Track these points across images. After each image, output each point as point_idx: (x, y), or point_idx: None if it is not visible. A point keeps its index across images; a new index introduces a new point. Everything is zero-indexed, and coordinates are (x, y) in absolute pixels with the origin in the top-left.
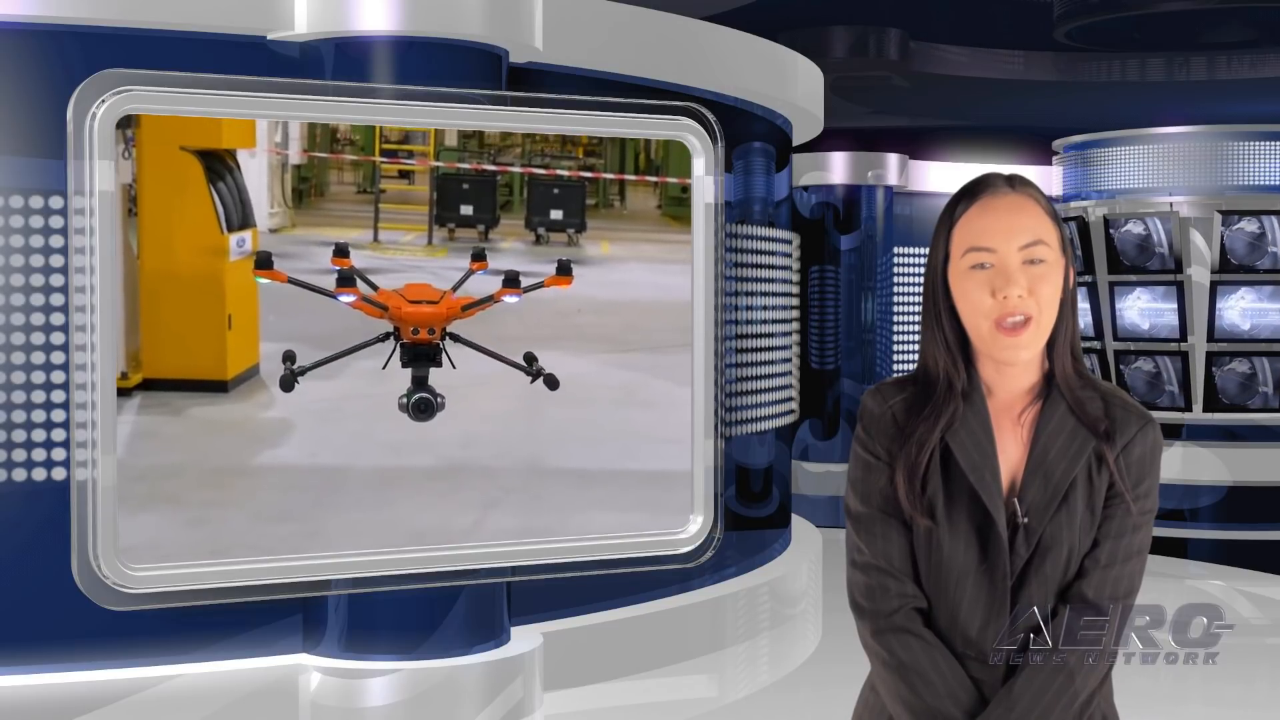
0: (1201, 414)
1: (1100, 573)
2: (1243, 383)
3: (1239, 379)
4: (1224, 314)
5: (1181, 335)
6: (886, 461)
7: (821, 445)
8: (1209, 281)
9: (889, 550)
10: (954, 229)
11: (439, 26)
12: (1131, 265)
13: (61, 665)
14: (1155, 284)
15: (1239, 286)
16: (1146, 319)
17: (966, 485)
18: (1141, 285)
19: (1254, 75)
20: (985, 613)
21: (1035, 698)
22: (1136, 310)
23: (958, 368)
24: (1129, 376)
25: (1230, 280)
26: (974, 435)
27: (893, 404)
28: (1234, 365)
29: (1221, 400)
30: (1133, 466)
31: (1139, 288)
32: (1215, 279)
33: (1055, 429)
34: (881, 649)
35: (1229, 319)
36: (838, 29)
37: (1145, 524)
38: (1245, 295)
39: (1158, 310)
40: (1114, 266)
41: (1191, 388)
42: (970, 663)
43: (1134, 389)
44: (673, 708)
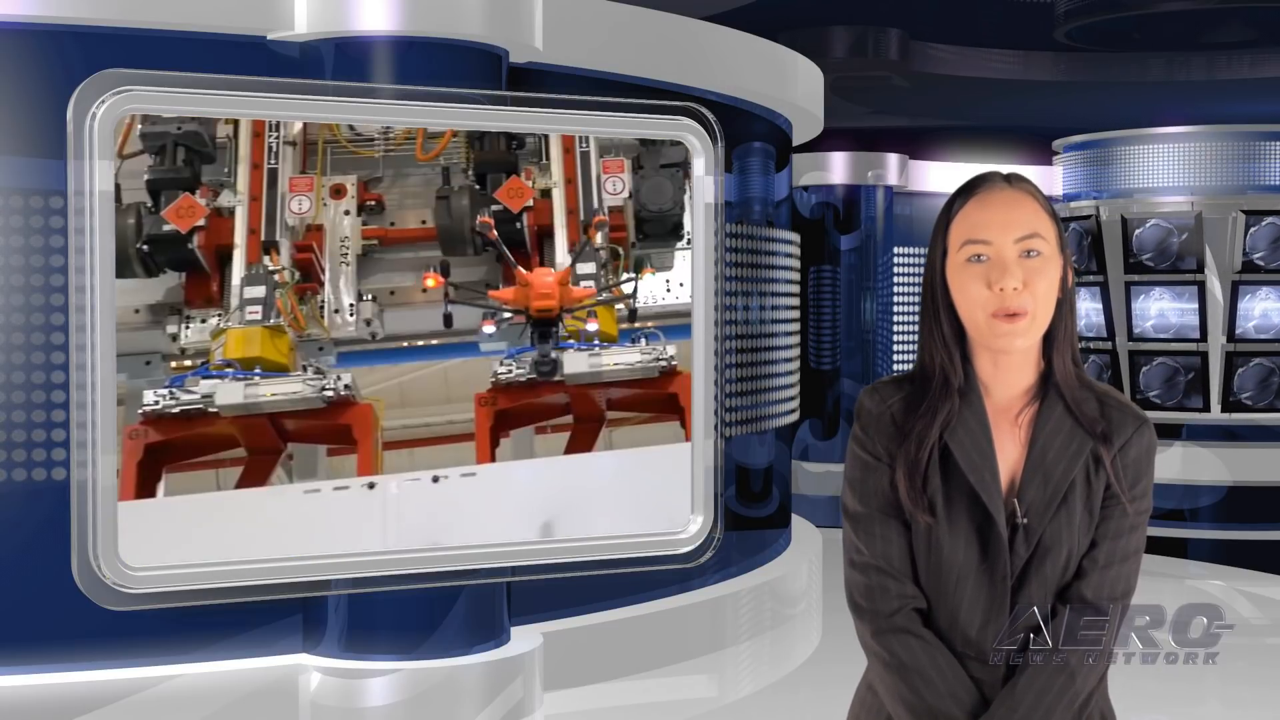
0: (1220, 414)
1: (1099, 573)
2: (1262, 382)
3: (1258, 379)
4: (1247, 314)
5: (1201, 335)
6: (886, 461)
7: (821, 445)
8: (1229, 281)
9: (888, 550)
10: (951, 224)
11: (439, 26)
12: (1150, 265)
13: (61, 665)
14: (1175, 284)
15: (1260, 287)
16: (1164, 319)
17: (966, 485)
18: (1161, 285)
19: (1254, 75)
20: (985, 613)
21: (1038, 698)
22: (1155, 310)
23: (955, 364)
24: (1144, 377)
25: (1251, 280)
26: (973, 435)
27: (891, 403)
28: (1255, 365)
29: (1244, 401)
30: (1129, 467)
31: (1158, 288)
32: (1236, 279)
33: (1053, 430)
34: (882, 649)
35: (1251, 319)
36: (838, 29)
37: (1141, 524)
38: (1269, 296)
39: (1177, 310)
40: (1130, 266)
41: (1209, 388)
42: (970, 662)
43: (1150, 389)
44: (673, 708)
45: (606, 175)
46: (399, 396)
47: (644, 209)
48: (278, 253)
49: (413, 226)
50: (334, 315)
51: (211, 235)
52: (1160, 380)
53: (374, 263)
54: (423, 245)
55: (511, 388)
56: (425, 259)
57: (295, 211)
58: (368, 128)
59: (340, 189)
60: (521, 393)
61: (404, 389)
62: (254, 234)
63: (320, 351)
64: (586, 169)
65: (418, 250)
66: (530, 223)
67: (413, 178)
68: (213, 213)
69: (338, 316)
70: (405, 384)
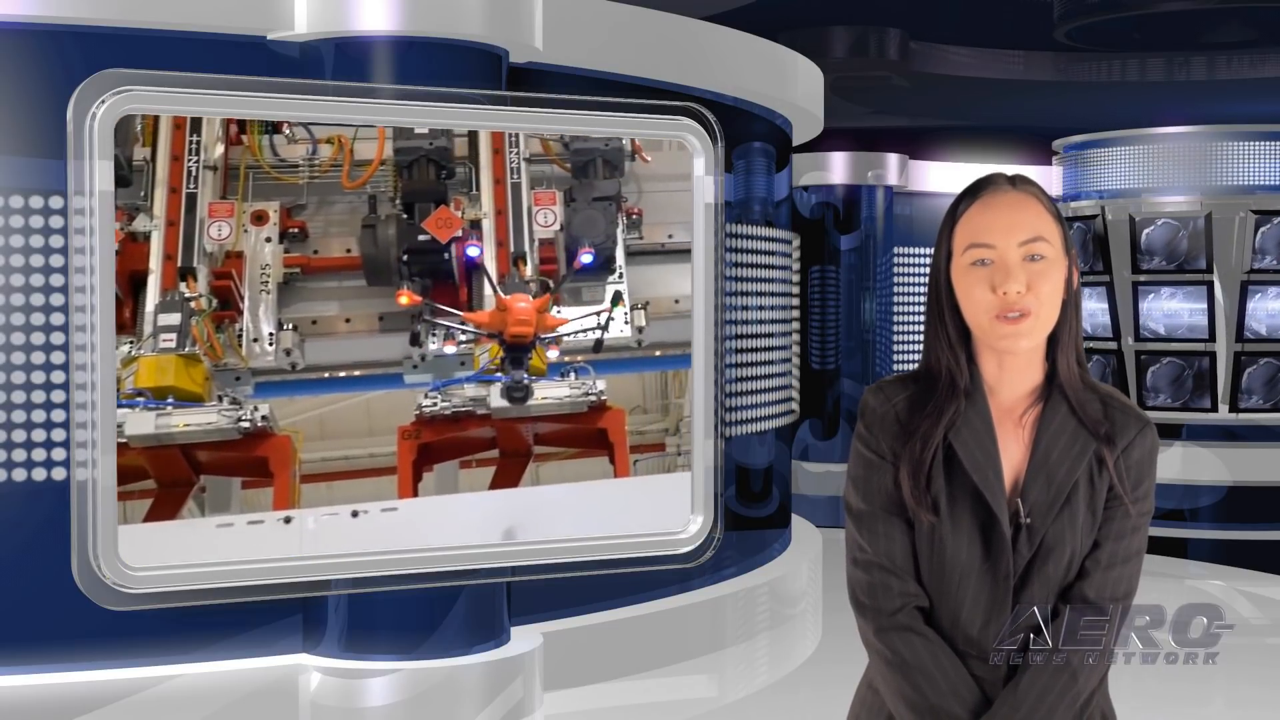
0: (1228, 414)
1: (1101, 574)
2: (1269, 382)
3: (1265, 379)
4: (1255, 314)
5: (1210, 335)
6: (890, 460)
7: (821, 445)
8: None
9: (891, 548)
10: (956, 226)
11: (439, 26)
12: (1159, 265)
13: (61, 665)
14: (1184, 284)
15: (1269, 287)
16: (1172, 319)
17: (969, 484)
18: (1169, 285)
19: (1254, 75)
20: (987, 612)
21: (1040, 697)
22: (1163, 310)
23: (960, 365)
24: (1151, 377)
25: (1259, 281)
26: (977, 435)
27: (895, 402)
28: (1263, 365)
29: (1254, 401)
30: (1132, 469)
31: (1166, 288)
32: (1245, 279)
33: (1057, 430)
34: (884, 647)
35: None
36: (838, 29)
37: (1143, 525)
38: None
39: (1185, 311)
40: (1138, 266)
41: (1217, 388)
42: (971, 661)
43: (1157, 390)
44: (673, 708)
45: (538, 207)
46: (319, 428)
47: (576, 242)
48: (195, 279)
49: (337, 255)
50: (252, 344)
51: (125, 260)
52: (1167, 380)
53: (296, 291)
54: (346, 274)
55: (436, 421)
56: (349, 289)
57: (214, 238)
58: (292, 154)
59: (262, 215)
60: (446, 426)
61: (324, 420)
62: (170, 260)
63: (237, 381)
64: (518, 200)
65: (341, 279)
66: (458, 254)
67: (338, 205)
68: (126, 237)
69: (256, 346)
70: (325, 415)
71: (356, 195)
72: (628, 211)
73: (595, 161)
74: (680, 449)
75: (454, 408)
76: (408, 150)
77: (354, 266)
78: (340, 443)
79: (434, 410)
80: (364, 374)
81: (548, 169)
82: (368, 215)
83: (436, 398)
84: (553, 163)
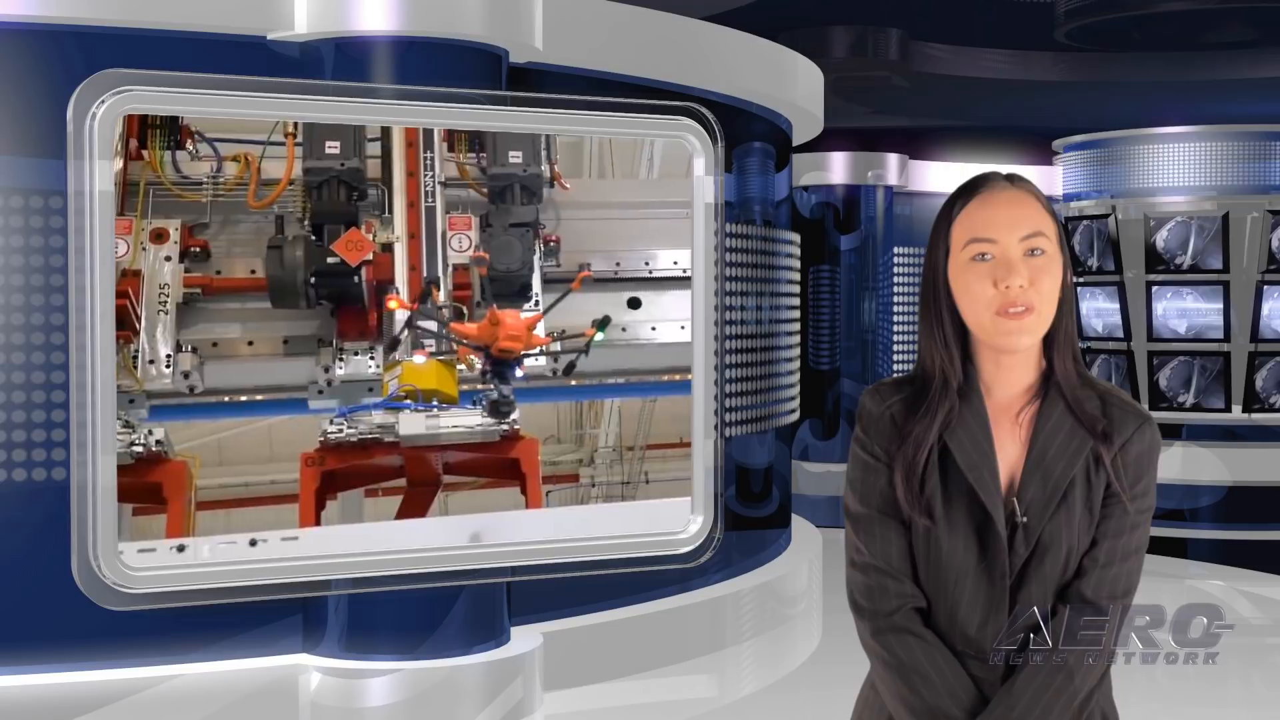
0: (1241, 414)
1: (1099, 572)
2: None
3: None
4: (1272, 315)
5: (1225, 336)
6: (885, 462)
7: (821, 445)
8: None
9: (888, 550)
10: (953, 224)
11: (439, 26)
12: (1174, 265)
13: (61, 665)
14: (1200, 284)
15: None
16: (1190, 318)
17: (965, 484)
18: (1186, 285)
19: (1254, 75)
20: (984, 611)
21: (1035, 696)
22: (1178, 310)
23: (954, 365)
24: (1164, 378)
25: (1275, 280)
26: (972, 434)
27: (891, 404)
28: (1276, 364)
29: (1269, 402)
30: (1130, 466)
31: (1180, 288)
32: (1260, 279)
33: (1054, 428)
34: (881, 648)
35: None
36: (838, 29)
37: (1143, 523)
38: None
39: (1200, 310)
40: (1153, 266)
41: (1231, 388)
42: (969, 661)
43: (1170, 390)
44: (673, 708)
45: (453, 232)
46: (217, 454)
47: (492, 268)
48: None
49: (240, 276)
50: (148, 366)
51: None
52: (1180, 380)
53: (196, 312)
54: (250, 296)
55: (341, 448)
56: (252, 310)
57: None
58: (195, 170)
59: (162, 233)
60: (352, 453)
61: (223, 446)
62: None
63: (130, 404)
64: (432, 224)
65: (244, 301)
66: (369, 277)
67: (243, 225)
68: None
69: (152, 367)
70: (225, 440)
71: (263, 215)
72: (545, 239)
73: (513, 187)
74: (594, 480)
75: (360, 434)
76: (318, 170)
77: (259, 288)
78: (240, 469)
79: (339, 437)
80: (266, 399)
81: (464, 193)
82: (274, 236)
83: (342, 424)
84: (469, 187)
